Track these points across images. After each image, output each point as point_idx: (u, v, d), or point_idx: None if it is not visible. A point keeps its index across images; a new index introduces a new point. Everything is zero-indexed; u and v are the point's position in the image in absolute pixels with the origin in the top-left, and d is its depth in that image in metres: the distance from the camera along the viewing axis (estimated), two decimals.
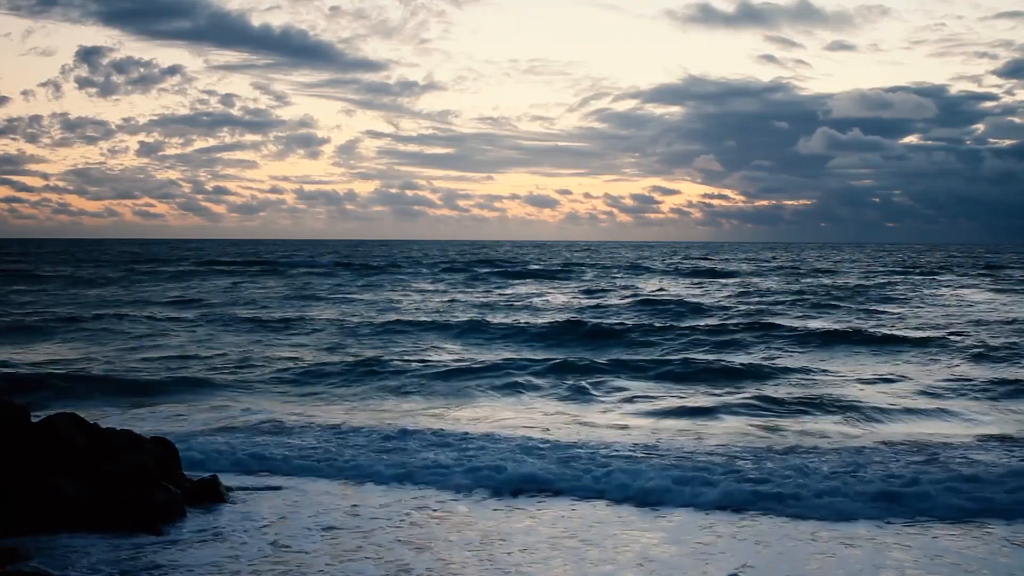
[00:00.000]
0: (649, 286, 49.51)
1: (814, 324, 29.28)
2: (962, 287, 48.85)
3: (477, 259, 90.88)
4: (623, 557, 8.62)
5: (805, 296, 40.92)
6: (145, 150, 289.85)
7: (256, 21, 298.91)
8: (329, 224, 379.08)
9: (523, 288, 48.80)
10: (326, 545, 8.86)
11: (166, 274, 60.70)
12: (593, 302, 39.12)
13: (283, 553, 8.62)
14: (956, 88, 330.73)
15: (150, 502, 9.38)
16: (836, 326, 28.56)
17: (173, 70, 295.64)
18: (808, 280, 54.64)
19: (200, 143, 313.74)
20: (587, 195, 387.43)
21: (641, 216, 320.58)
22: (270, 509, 10.08)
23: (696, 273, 64.60)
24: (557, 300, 40.55)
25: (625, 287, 48.81)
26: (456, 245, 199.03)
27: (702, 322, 30.28)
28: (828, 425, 14.79)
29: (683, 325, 29.10)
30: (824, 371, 20.46)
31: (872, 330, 27.22)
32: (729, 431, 14.26)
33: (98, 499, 9.29)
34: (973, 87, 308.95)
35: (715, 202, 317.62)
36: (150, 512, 9.31)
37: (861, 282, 52.20)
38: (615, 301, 39.06)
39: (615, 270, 70.20)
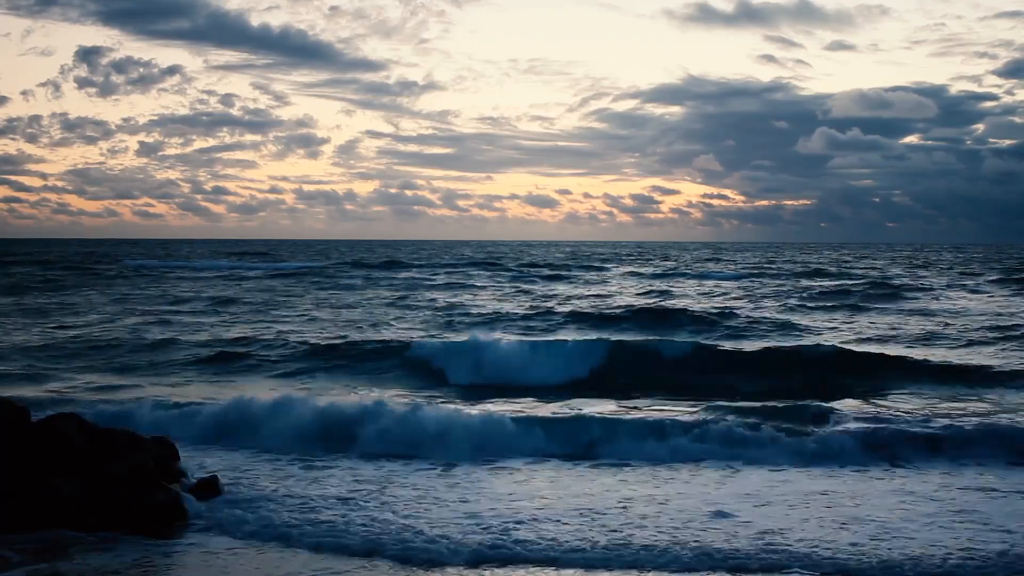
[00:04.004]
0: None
1: None
2: None
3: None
4: None
5: None
6: (145, 150, 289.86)
7: (255, 21, 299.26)
8: (329, 224, 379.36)
9: None
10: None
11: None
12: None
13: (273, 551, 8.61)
14: (956, 88, 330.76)
15: (150, 503, 9.35)
16: None
17: (172, 70, 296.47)
18: None
19: (200, 143, 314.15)
20: (587, 195, 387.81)
21: (641, 216, 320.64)
22: (271, 511, 10.00)
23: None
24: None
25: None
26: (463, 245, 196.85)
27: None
28: None
29: None
30: None
31: None
32: None
33: (98, 499, 9.25)
34: (973, 87, 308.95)
35: (715, 202, 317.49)
36: (150, 513, 9.27)
37: None
38: None
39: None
